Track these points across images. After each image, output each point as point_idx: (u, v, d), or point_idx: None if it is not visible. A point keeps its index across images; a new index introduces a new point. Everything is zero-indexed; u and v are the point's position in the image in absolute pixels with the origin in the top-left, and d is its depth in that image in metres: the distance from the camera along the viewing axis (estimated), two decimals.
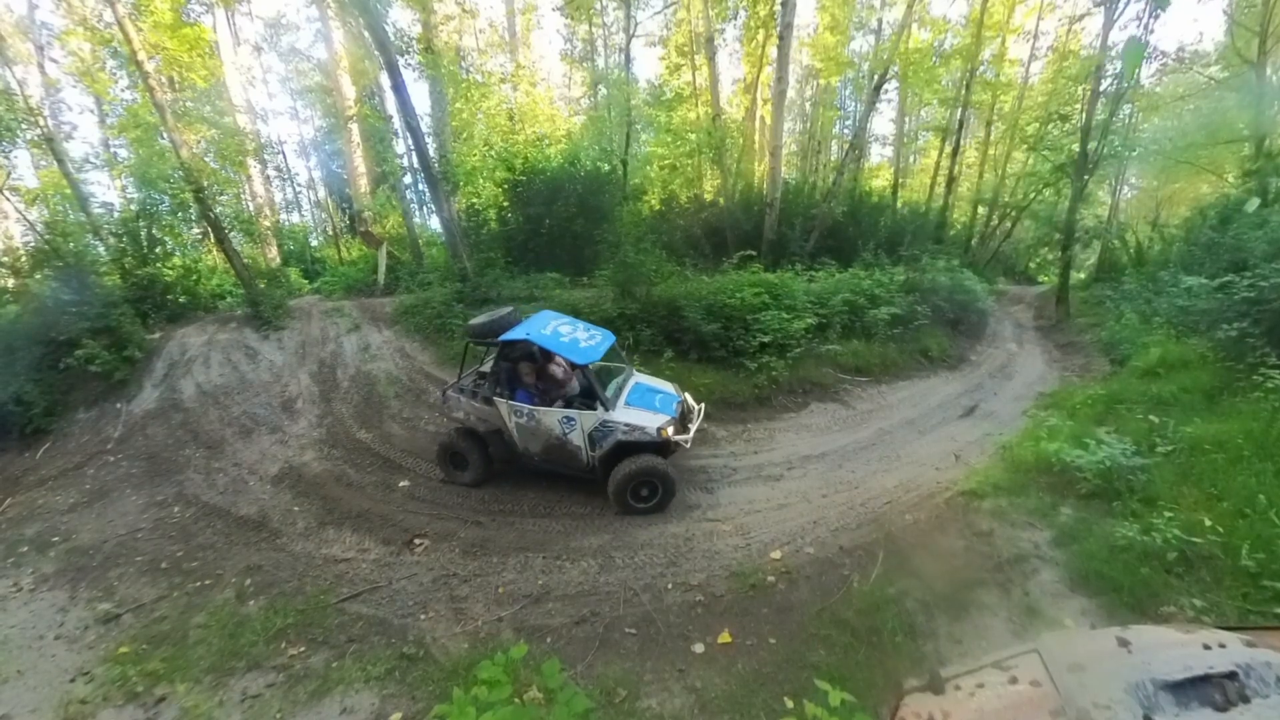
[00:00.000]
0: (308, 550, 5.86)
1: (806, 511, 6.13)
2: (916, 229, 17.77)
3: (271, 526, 6.44)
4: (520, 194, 14.56)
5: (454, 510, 6.44)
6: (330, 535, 6.07)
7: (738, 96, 24.94)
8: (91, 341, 9.44)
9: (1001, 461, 5.97)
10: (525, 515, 6.36)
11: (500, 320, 6.31)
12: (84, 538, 6.46)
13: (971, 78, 19.96)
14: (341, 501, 6.69)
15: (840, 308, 11.08)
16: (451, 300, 11.47)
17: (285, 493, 7.14)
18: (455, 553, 5.65)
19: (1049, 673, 1.74)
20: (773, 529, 5.81)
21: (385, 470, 7.32)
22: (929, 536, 5.06)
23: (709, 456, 7.57)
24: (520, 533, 6.03)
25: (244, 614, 5.02)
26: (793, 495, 6.56)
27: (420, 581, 5.23)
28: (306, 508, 6.70)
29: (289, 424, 8.89)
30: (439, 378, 9.64)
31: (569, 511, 6.43)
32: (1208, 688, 1.51)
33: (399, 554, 5.61)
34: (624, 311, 9.93)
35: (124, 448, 8.54)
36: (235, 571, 5.66)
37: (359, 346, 11.03)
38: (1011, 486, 5.24)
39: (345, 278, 16.75)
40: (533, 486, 6.81)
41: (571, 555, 5.57)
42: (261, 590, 5.34)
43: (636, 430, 5.92)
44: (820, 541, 5.42)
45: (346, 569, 5.43)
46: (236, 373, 10.35)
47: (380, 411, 8.87)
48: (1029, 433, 7.00)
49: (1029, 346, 13.32)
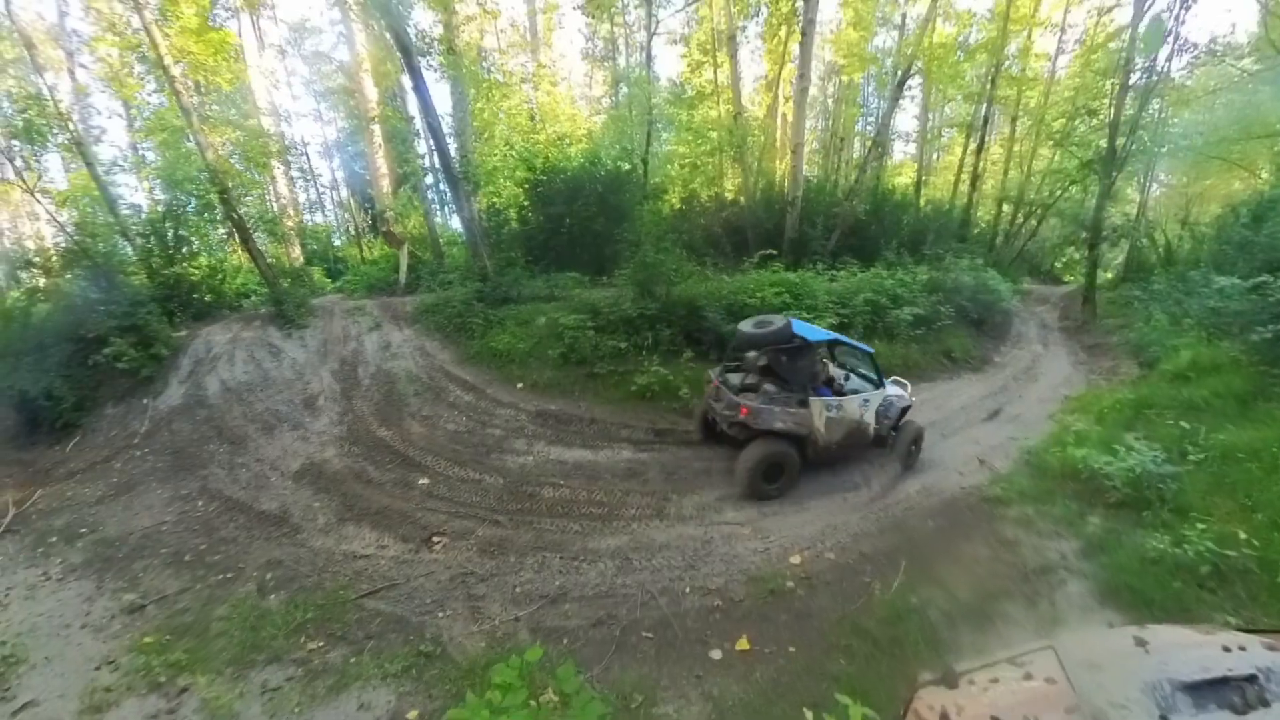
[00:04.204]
0: (327, 546, 5.91)
1: (827, 516, 6.04)
2: (940, 228, 17.61)
3: (292, 522, 6.49)
4: (541, 193, 14.57)
5: (472, 509, 6.45)
6: (350, 531, 6.11)
7: (759, 94, 24.76)
8: (119, 339, 9.57)
9: (1027, 467, 5.83)
10: (543, 515, 6.34)
11: (781, 329, 6.32)
12: (110, 529, 6.55)
13: (997, 73, 19.65)
14: (361, 498, 6.74)
15: (862, 308, 10.97)
16: (472, 299, 11.52)
17: (306, 489, 7.19)
18: (473, 551, 5.66)
19: (1064, 670, 1.72)
20: (792, 532, 5.74)
21: (404, 468, 7.37)
22: (953, 544, 4.96)
23: (728, 457, 7.39)
24: (538, 533, 6.01)
25: (265, 607, 5.06)
26: (813, 498, 6.47)
27: (438, 579, 5.23)
28: (327, 504, 6.75)
29: (311, 421, 8.95)
30: (459, 376, 9.70)
31: (587, 512, 6.39)
32: (1226, 690, 1.48)
33: (417, 551, 5.64)
34: (643, 311, 9.86)
35: (150, 442, 8.65)
36: (257, 565, 5.70)
37: (380, 345, 11.12)
38: (1038, 493, 5.13)
39: (367, 277, 16.93)
40: (550, 485, 6.81)
41: (589, 556, 5.54)
42: (282, 584, 5.38)
43: (904, 398, 6.99)
44: (841, 547, 5.35)
45: (365, 565, 5.46)
46: (260, 370, 10.43)
47: (400, 409, 8.92)
48: (1055, 437, 6.84)
49: (1054, 348, 13.09)
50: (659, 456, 7.63)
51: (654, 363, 9.11)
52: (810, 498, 6.52)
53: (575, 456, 7.59)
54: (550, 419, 8.40)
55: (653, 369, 8.96)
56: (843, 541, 5.45)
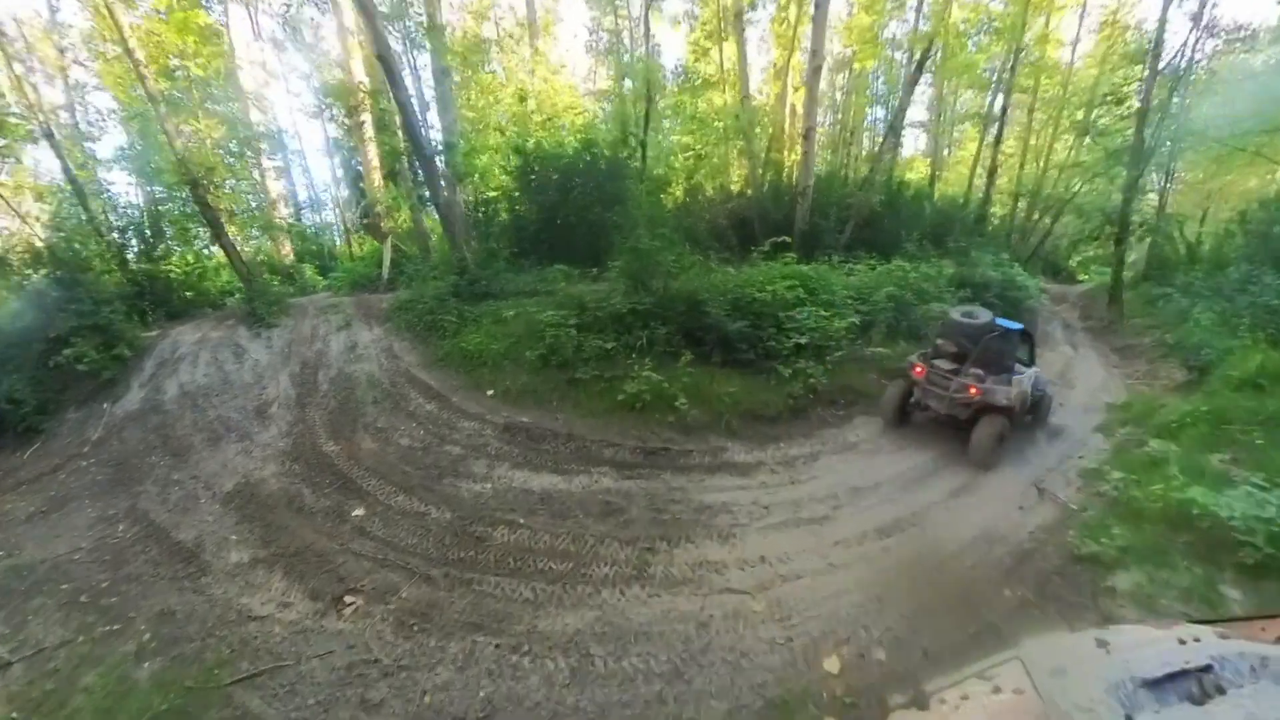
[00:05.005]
0: (228, 597, 4.80)
1: (866, 578, 4.68)
2: (956, 223, 16.86)
3: (202, 559, 5.44)
4: (532, 181, 13.42)
5: (405, 555, 5.21)
6: (258, 578, 4.98)
7: (767, 84, 23.70)
8: (80, 340, 9.01)
9: (1107, 503, 4.60)
10: (489, 569, 5.00)
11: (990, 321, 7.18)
12: (26, 555, 5.79)
13: (1016, 59, 18.69)
14: (284, 532, 5.63)
15: (885, 304, 9.74)
16: (446, 295, 10.40)
17: (231, 515, 6.16)
18: (388, 623, 4.37)
19: (1031, 679, 1.63)
20: (822, 608, 4.34)
21: (343, 493, 6.22)
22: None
23: (734, 488, 6.24)
24: (476, 598, 4.65)
25: (132, 681, 4.04)
26: (844, 549, 5.16)
27: (333, 666, 3.99)
28: (246, 536, 5.67)
29: (259, 431, 7.98)
30: (423, 382, 8.61)
31: (545, 569, 4.99)
32: (1185, 682, 1.45)
33: (323, 615, 4.44)
34: (635, 306, 8.60)
35: (99, 451, 7.92)
36: (147, 617, 4.71)
37: (346, 345, 10.08)
38: (1145, 550, 3.84)
39: (351, 273, 16.34)
40: (506, 525, 5.57)
41: (536, 646, 4.13)
42: (163, 648, 4.33)
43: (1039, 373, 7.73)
44: (894, 639, 3.94)
45: (257, 632, 4.30)
46: (221, 373, 9.60)
47: (355, 420, 7.83)
48: (1129, 461, 5.67)
49: (1083, 350, 12.21)
50: (647, 487, 6.27)
51: (646, 366, 7.80)
52: (837, 545, 5.17)
53: (543, 484, 6.29)
54: (520, 434, 7.15)
55: (644, 374, 7.65)
56: (893, 627, 4.08)
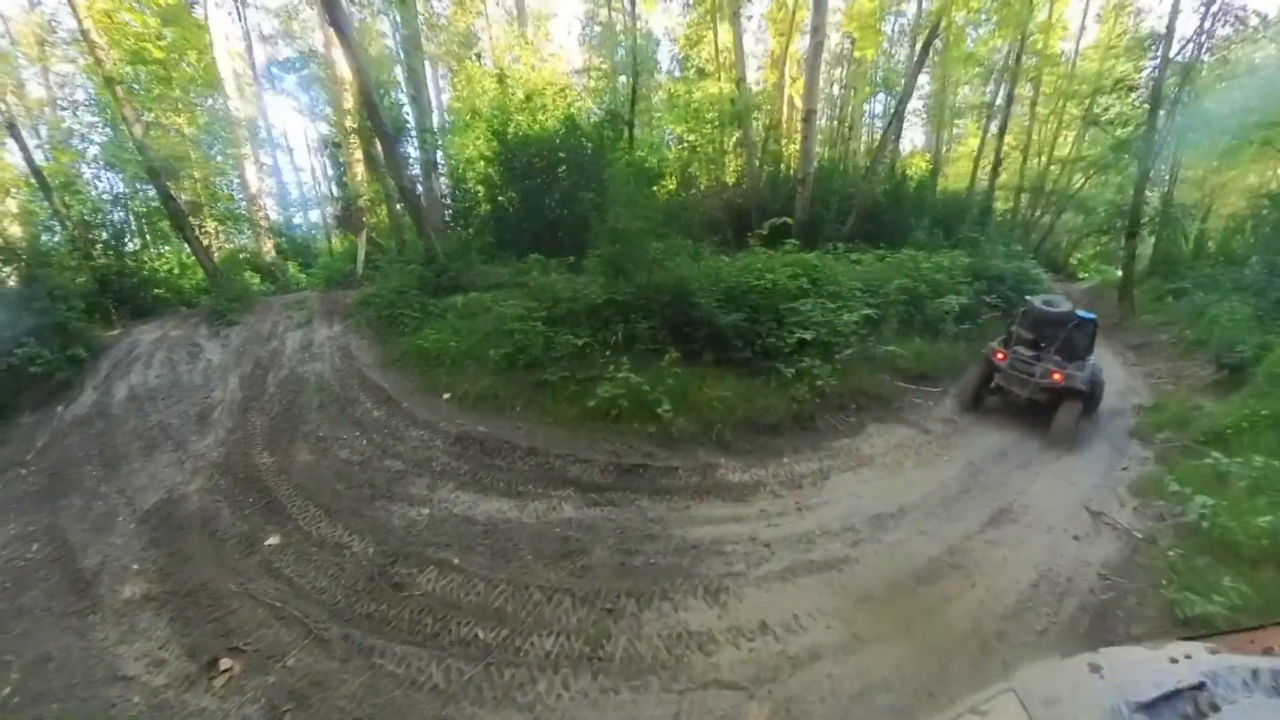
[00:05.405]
0: (106, 644, 3.95)
1: (907, 659, 3.52)
2: (965, 213, 16.22)
3: (96, 592, 4.62)
4: (514, 169, 12.48)
5: (307, 604, 4.17)
6: (142, 623, 4.09)
7: (763, 74, 22.88)
8: (32, 339, 8.51)
9: (1194, 537, 3.73)
10: (398, 634, 3.87)
11: (1071, 309, 7.51)
12: None
13: (1022, 46, 18.10)
14: (188, 563, 4.76)
15: (897, 297, 8.82)
16: (409, 287, 9.51)
17: (143, 537, 5.34)
18: (259, 705, 3.37)
19: (1026, 712, 1.44)
20: (852, 714, 3.13)
21: (263, 515, 5.32)
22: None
23: (726, 518, 5.15)
24: (373, 678, 3.53)
25: None
26: (873, 610, 3.99)
27: None
28: (146, 567, 4.82)
29: (196, 439, 7.18)
30: (376, 384, 7.74)
31: (470, 638, 3.78)
32: (1180, 701, 1.34)
33: (192, 684, 3.49)
34: (613, 297, 7.59)
35: (40, 460, 7.28)
36: (22, 663, 3.93)
37: (301, 344, 9.26)
38: (1244, 604, 2.94)
39: (327, 269, 15.73)
40: (435, 566, 4.48)
41: None
42: (25, 706, 3.55)
43: None
44: None
45: (117, 698, 3.41)
46: (173, 374, 8.92)
47: (295, 428, 6.95)
48: (1190, 476, 4.82)
49: (1098, 348, 11.37)
50: (617, 517, 5.14)
51: (624, 366, 6.68)
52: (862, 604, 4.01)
53: (490, 511, 5.21)
54: (473, 446, 6.12)
55: (620, 375, 6.55)
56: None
